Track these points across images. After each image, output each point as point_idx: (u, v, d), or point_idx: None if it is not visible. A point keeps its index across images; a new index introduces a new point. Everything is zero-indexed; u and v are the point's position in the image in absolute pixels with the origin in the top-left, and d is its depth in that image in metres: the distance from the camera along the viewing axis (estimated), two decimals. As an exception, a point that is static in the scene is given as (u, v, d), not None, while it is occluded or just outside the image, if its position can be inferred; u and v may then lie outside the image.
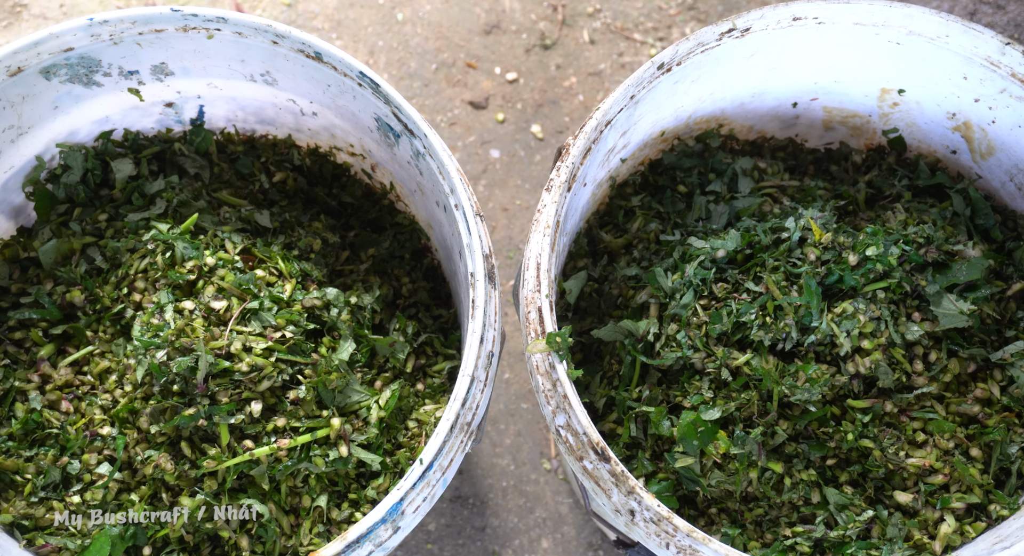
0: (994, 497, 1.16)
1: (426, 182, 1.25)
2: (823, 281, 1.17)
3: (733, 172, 1.36)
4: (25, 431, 1.15)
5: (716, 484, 1.14)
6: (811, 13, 1.23)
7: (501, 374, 1.74)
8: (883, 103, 1.37)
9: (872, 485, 1.17)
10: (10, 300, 1.26)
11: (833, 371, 1.15)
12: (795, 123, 1.45)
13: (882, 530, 1.14)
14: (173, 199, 1.27)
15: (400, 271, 1.38)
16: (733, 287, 1.20)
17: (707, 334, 1.17)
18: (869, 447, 1.14)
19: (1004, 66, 1.21)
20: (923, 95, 1.32)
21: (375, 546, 0.99)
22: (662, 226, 1.33)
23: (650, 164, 1.43)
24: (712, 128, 1.42)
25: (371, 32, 2.00)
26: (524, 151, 1.91)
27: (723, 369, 1.15)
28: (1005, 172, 1.32)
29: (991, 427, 1.17)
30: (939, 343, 1.19)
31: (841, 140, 1.46)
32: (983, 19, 1.99)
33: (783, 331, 1.15)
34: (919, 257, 1.19)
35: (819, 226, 1.22)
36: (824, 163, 1.47)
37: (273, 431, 1.13)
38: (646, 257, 1.30)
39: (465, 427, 1.04)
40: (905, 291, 1.19)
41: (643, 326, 1.20)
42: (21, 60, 1.18)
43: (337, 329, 1.22)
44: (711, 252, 1.23)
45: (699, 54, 1.21)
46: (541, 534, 1.62)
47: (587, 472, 1.01)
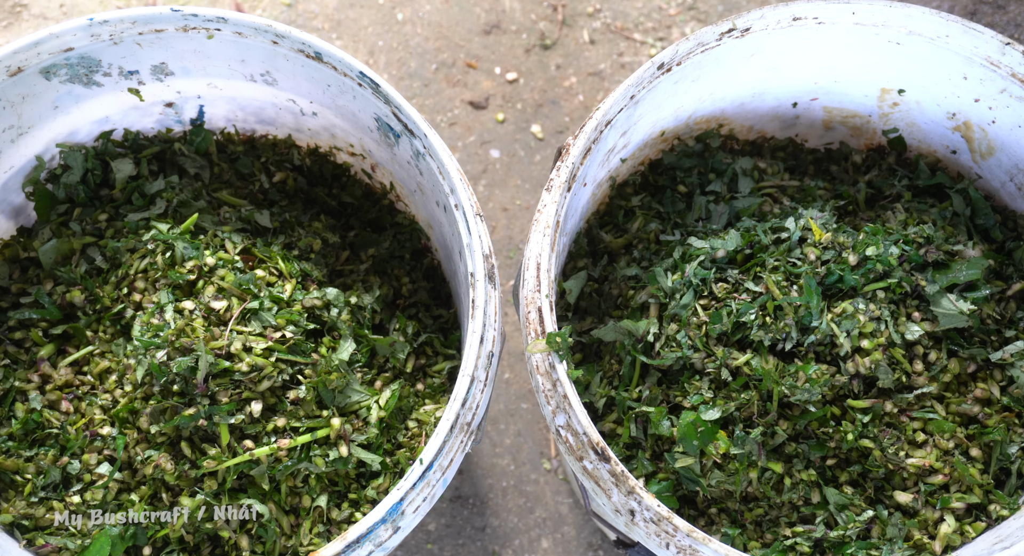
0: (994, 497, 1.16)
1: (426, 182, 1.25)
2: (823, 281, 1.17)
3: (733, 172, 1.36)
4: (25, 431, 1.15)
5: (716, 484, 1.14)
6: (811, 13, 1.23)
7: (501, 374, 1.74)
8: (883, 103, 1.37)
9: (872, 485, 1.17)
10: (10, 300, 1.26)
11: (833, 371, 1.15)
12: (795, 123, 1.45)
13: (882, 530, 1.14)
14: (173, 199, 1.27)
15: (400, 271, 1.38)
16: (733, 287, 1.20)
17: (707, 334, 1.17)
18: (869, 447, 1.14)
19: (1004, 66, 1.21)
20: (923, 95, 1.32)
21: (375, 546, 0.99)
22: (662, 226, 1.33)
23: (650, 164, 1.43)
24: (712, 128, 1.42)
25: (371, 32, 2.00)
26: (524, 151, 1.91)
27: (723, 369, 1.15)
28: (1005, 172, 1.32)
29: (991, 427, 1.17)
30: (939, 343, 1.19)
31: (841, 140, 1.46)
32: (983, 19, 1.99)
33: (783, 331, 1.15)
34: (919, 257, 1.19)
35: (819, 226, 1.22)
36: (824, 163, 1.47)
37: (273, 431, 1.13)
38: (646, 257, 1.30)
39: (465, 427, 1.04)
40: (905, 291, 1.19)
41: (643, 326, 1.20)
42: (21, 60, 1.18)
43: (337, 329, 1.22)
44: (711, 252, 1.23)
45: (699, 54, 1.21)
46: (541, 534, 1.62)
47: (587, 472, 1.01)
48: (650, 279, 1.23)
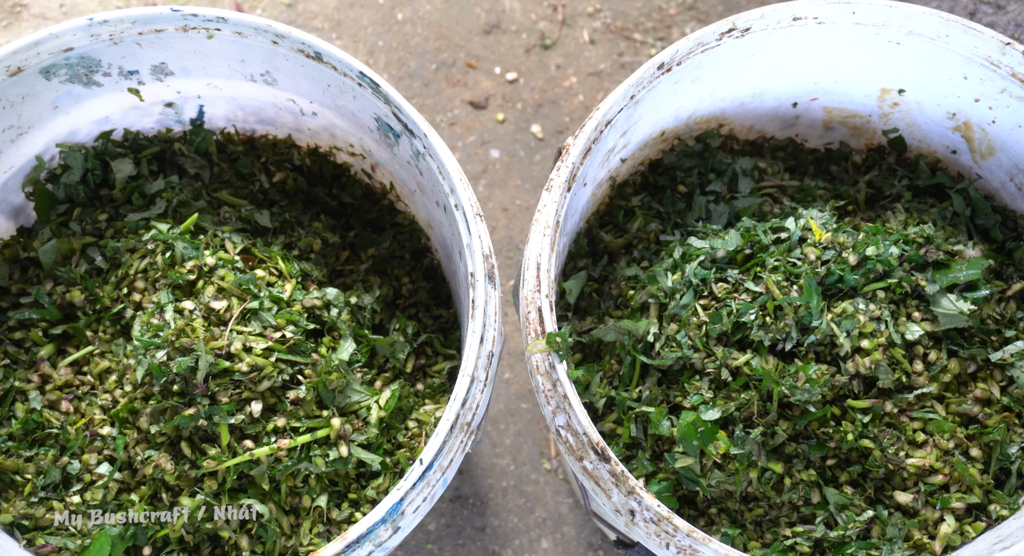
0: (994, 497, 1.16)
1: (426, 182, 1.25)
2: (823, 281, 1.17)
3: (733, 172, 1.36)
4: (25, 431, 1.15)
5: (716, 484, 1.14)
6: (811, 13, 1.23)
7: (501, 374, 1.74)
8: (883, 103, 1.37)
9: (872, 485, 1.17)
10: (10, 300, 1.26)
11: (833, 371, 1.15)
12: (795, 123, 1.45)
13: (882, 530, 1.14)
14: (173, 199, 1.27)
15: (400, 271, 1.38)
16: (733, 287, 1.20)
17: (707, 334, 1.17)
18: (869, 447, 1.14)
19: (1004, 66, 1.21)
20: (923, 95, 1.32)
21: (375, 546, 0.99)
22: (662, 226, 1.33)
23: (650, 164, 1.43)
24: (712, 128, 1.42)
25: (371, 32, 2.00)
26: (524, 151, 1.91)
27: (723, 369, 1.15)
28: (1005, 172, 1.32)
29: (991, 427, 1.17)
30: (939, 343, 1.19)
31: (841, 140, 1.46)
32: (983, 19, 1.99)
33: (783, 331, 1.15)
34: (919, 257, 1.19)
35: (819, 226, 1.22)
36: (824, 163, 1.47)
37: (273, 431, 1.13)
38: (646, 257, 1.30)
39: (465, 427, 1.04)
40: (905, 291, 1.19)
41: (643, 326, 1.20)
42: (21, 60, 1.18)
43: (337, 329, 1.22)
44: (711, 252, 1.23)
45: (699, 54, 1.21)
46: (541, 534, 1.62)
47: (587, 472, 1.01)
48: (650, 279, 1.23)
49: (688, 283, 1.20)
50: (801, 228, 1.22)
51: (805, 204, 1.31)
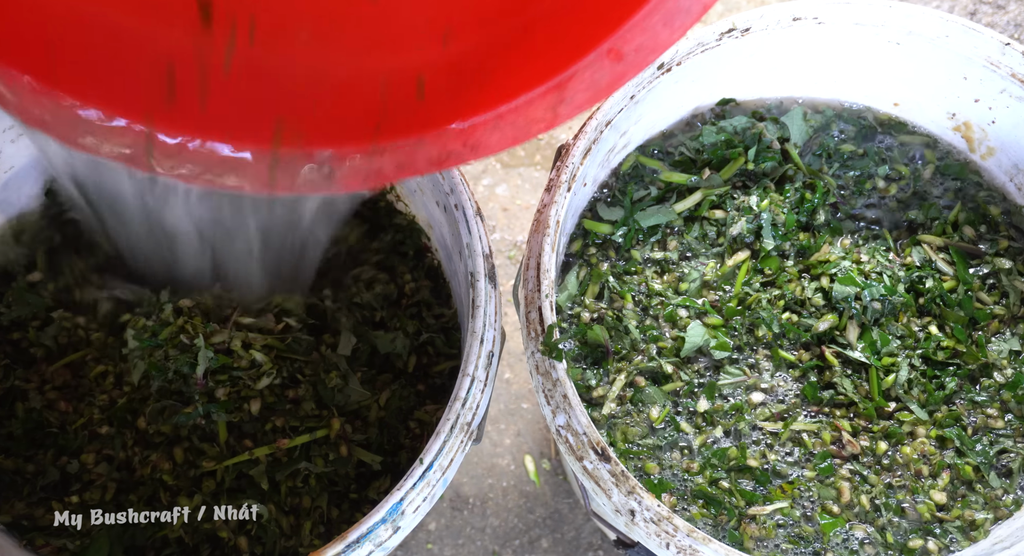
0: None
1: (426, 182, 1.25)
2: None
3: (733, 172, 1.36)
4: (25, 430, 1.15)
5: (716, 484, 1.14)
6: (811, 13, 1.23)
7: (501, 374, 1.74)
8: (883, 103, 1.37)
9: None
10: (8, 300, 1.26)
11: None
12: (795, 123, 1.45)
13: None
14: (173, 199, 1.27)
15: (403, 268, 1.37)
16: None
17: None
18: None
19: (1004, 66, 1.21)
20: (923, 95, 1.32)
21: (375, 546, 0.99)
22: (662, 226, 1.33)
23: (650, 164, 1.43)
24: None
25: (371, 32, 2.00)
26: (524, 151, 1.91)
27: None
28: (1005, 172, 1.32)
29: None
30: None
31: (841, 140, 1.46)
32: (983, 19, 2.00)
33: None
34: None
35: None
36: (824, 163, 1.47)
37: (272, 431, 1.13)
38: (646, 257, 1.30)
39: (465, 427, 1.04)
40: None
41: (643, 326, 1.20)
42: (21, 60, 1.18)
43: (337, 324, 1.22)
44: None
45: (699, 54, 1.21)
46: (541, 534, 1.62)
47: (587, 472, 1.01)
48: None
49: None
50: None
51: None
